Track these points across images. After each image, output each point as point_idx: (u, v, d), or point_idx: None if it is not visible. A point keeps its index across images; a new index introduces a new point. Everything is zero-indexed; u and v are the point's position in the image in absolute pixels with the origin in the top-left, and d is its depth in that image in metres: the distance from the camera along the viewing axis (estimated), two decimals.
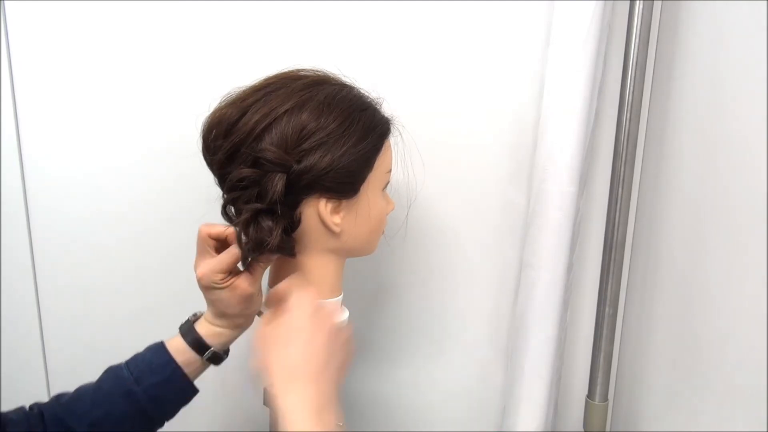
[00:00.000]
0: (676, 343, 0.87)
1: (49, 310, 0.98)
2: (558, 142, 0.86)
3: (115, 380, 0.66)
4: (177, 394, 0.69)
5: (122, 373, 0.66)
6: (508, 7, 0.88)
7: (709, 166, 0.79)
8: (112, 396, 0.65)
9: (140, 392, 0.65)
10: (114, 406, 0.64)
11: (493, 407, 1.05)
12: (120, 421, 0.65)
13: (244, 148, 0.62)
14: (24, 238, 0.94)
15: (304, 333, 0.58)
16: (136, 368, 0.66)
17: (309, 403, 0.55)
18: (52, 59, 0.88)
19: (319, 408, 0.55)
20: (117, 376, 0.66)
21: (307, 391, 0.56)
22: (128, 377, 0.65)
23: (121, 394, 0.65)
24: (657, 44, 0.89)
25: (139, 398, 0.65)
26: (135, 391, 0.65)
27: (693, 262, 0.83)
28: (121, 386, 0.65)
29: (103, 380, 0.67)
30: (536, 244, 0.90)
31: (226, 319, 0.70)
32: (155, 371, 0.66)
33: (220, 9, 0.87)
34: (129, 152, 0.92)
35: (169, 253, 0.94)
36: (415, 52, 0.90)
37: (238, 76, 0.67)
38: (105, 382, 0.66)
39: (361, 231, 0.70)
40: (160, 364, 0.67)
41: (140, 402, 0.65)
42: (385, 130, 0.69)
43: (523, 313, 0.93)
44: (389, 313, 1.02)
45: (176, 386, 0.68)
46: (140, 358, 0.68)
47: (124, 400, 0.65)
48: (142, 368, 0.66)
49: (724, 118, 0.76)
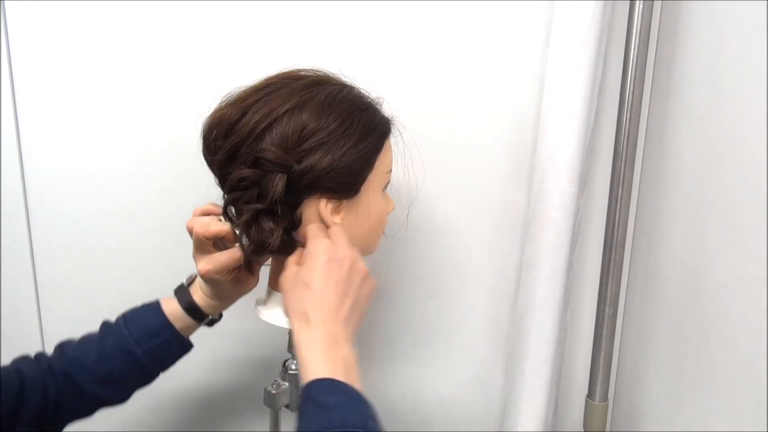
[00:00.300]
0: (676, 343, 0.87)
1: (49, 310, 0.98)
2: (558, 142, 0.86)
3: (116, 339, 0.69)
4: (174, 353, 0.73)
5: (122, 332, 0.69)
6: (508, 7, 0.88)
7: (709, 166, 0.79)
8: (114, 355, 0.68)
9: (140, 353, 0.69)
10: (116, 364, 0.68)
11: (493, 407, 1.05)
12: (122, 376, 0.69)
13: (244, 149, 0.62)
14: (24, 238, 0.94)
15: (318, 278, 0.60)
16: (136, 330, 0.69)
17: (321, 341, 0.58)
18: (52, 59, 0.88)
19: (331, 345, 0.58)
20: (118, 336, 0.69)
21: (318, 330, 0.58)
22: (128, 337, 0.69)
23: (122, 354, 0.68)
24: (657, 44, 0.89)
25: (140, 358, 0.69)
26: (135, 352, 0.68)
27: (693, 262, 0.83)
28: (122, 346, 0.69)
29: (104, 338, 0.70)
30: (536, 244, 0.90)
31: (223, 300, 0.73)
32: (154, 334, 0.69)
33: (221, 9, 0.87)
34: (129, 152, 0.92)
35: (169, 252, 0.94)
36: (415, 52, 0.90)
37: (238, 77, 0.67)
38: (106, 340, 0.69)
39: (361, 231, 0.70)
40: (159, 328, 0.70)
41: (140, 361, 0.69)
42: (386, 130, 0.69)
43: (523, 313, 0.93)
44: (389, 313, 1.02)
45: (174, 346, 0.72)
46: (138, 319, 0.70)
47: (125, 359, 0.69)
48: (141, 331, 0.69)
49: (724, 118, 0.76)
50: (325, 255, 0.61)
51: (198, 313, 0.72)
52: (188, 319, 0.72)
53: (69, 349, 0.69)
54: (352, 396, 0.55)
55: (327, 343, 0.58)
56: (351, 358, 0.59)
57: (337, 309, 0.60)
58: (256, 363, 1.01)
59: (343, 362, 0.58)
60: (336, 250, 0.62)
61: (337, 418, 0.52)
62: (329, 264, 0.60)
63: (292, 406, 0.76)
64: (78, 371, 0.67)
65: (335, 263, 0.60)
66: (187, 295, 0.72)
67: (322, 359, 0.57)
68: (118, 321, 0.71)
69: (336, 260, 0.61)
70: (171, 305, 0.72)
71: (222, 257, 0.68)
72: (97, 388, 0.68)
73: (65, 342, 0.71)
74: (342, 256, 0.61)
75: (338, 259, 0.61)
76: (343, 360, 0.58)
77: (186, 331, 0.72)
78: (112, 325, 0.71)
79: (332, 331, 0.59)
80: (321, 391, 0.55)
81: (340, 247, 0.62)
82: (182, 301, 0.71)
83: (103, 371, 0.68)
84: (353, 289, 0.61)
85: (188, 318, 0.72)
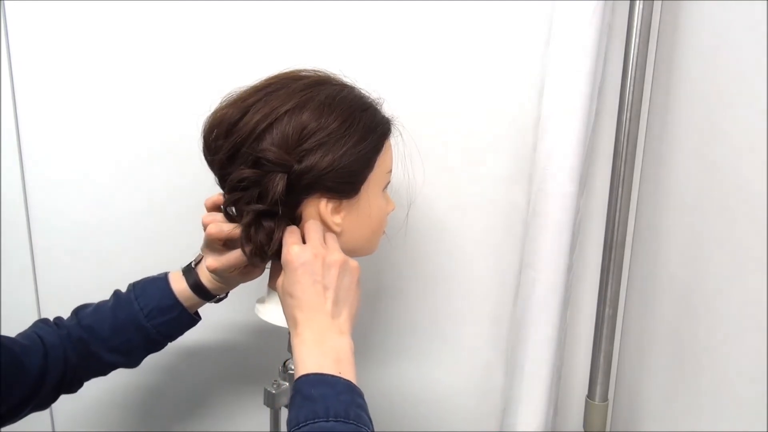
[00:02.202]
0: (675, 343, 0.87)
1: (49, 310, 0.98)
2: (558, 142, 0.86)
3: (128, 313, 0.72)
4: (183, 327, 0.76)
5: (134, 308, 0.72)
6: (508, 7, 0.89)
7: (709, 166, 0.79)
8: (126, 327, 0.72)
9: (150, 327, 0.72)
10: (129, 336, 0.72)
11: (493, 407, 1.05)
12: (134, 347, 0.74)
13: (244, 149, 0.62)
14: (24, 239, 0.94)
15: (295, 285, 0.62)
16: (146, 306, 0.72)
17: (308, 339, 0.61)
18: (52, 59, 0.88)
19: (318, 341, 0.60)
20: (129, 309, 0.72)
21: (306, 330, 0.61)
22: (139, 312, 0.72)
23: (134, 328, 0.72)
24: (657, 44, 0.89)
25: (150, 332, 0.72)
26: (146, 327, 0.72)
27: (693, 262, 0.83)
28: (134, 320, 0.72)
29: (117, 310, 0.73)
30: (536, 244, 0.90)
31: (228, 284, 0.75)
32: (163, 311, 0.73)
33: (221, 9, 0.87)
34: (130, 152, 0.92)
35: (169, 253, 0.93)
36: (416, 52, 0.90)
37: (239, 77, 0.67)
38: (119, 312, 0.73)
39: (361, 231, 0.70)
40: (168, 306, 0.73)
41: (151, 335, 0.73)
42: (386, 130, 0.69)
43: (522, 314, 0.93)
44: (389, 313, 1.02)
45: (183, 322, 0.75)
46: (148, 294, 0.73)
47: (137, 332, 0.72)
48: (151, 307, 0.72)
49: (724, 118, 0.76)
50: (296, 261, 0.61)
51: (205, 292, 0.74)
52: (195, 298, 0.74)
53: (84, 316, 0.73)
54: (337, 387, 0.58)
55: (314, 339, 0.60)
56: (343, 348, 0.61)
57: (320, 307, 0.61)
58: (256, 363, 1.01)
59: (334, 354, 0.60)
60: (305, 252, 0.62)
61: (321, 409, 0.55)
62: (302, 268, 0.61)
63: None
64: (93, 340, 0.71)
65: (307, 267, 0.61)
66: (194, 275, 0.74)
67: (309, 355, 0.60)
68: (129, 294, 0.74)
69: (307, 263, 0.61)
70: (179, 284, 0.74)
71: (230, 258, 0.70)
72: (110, 355, 0.72)
73: (81, 308, 0.74)
74: (311, 256, 0.62)
75: (309, 261, 0.61)
76: (334, 351, 0.60)
77: (194, 307, 0.75)
78: (123, 297, 0.74)
79: (319, 327, 0.61)
80: (308, 385, 0.57)
81: (310, 248, 0.62)
82: (190, 280, 0.73)
83: (115, 342, 0.72)
84: (331, 282, 0.62)
85: (195, 297, 0.74)
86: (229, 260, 0.70)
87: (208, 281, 0.74)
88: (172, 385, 1.00)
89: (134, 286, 0.74)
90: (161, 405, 1.02)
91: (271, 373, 0.77)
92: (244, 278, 0.74)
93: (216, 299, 0.77)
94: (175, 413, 1.03)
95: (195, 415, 1.04)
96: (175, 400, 1.02)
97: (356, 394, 0.58)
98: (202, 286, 0.74)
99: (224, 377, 1.02)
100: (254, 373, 0.99)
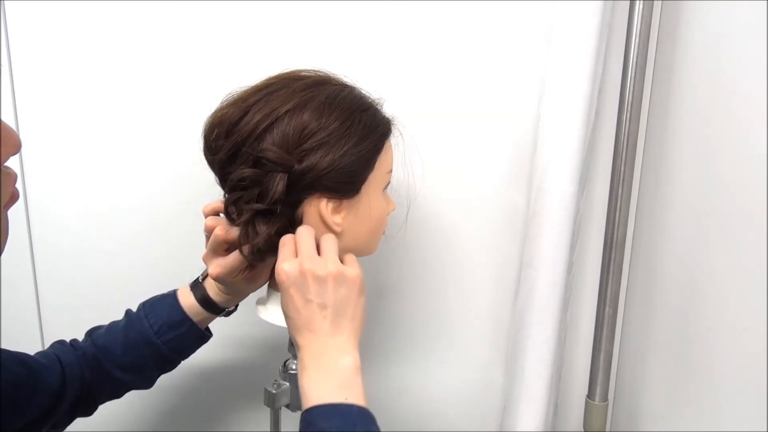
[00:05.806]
0: (676, 343, 0.87)
1: (49, 310, 0.98)
2: (558, 142, 0.86)
3: (138, 330, 0.73)
4: (194, 343, 0.76)
5: (144, 325, 0.73)
6: (508, 8, 0.88)
7: (709, 166, 0.79)
8: (137, 345, 0.73)
9: (161, 344, 0.73)
10: (140, 354, 0.73)
11: (493, 407, 1.05)
12: (146, 365, 0.74)
13: (245, 148, 0.62)
14: (24, 238, 0.94)
15: (289, 307, 0.60)
16: (156, 323, 0.73)
17: (310, 365, 0.59)
18: (53, 60, 0.88)
19: (320, 365, 0.59)
20: (140, 327, 0.73)
21: (306, 355, 0.60)
22: (149, 329, 0.72)
23: (144, 344, 0.73)
24: (657, 44, 0.89)
25: (161, 349, 0.73)
26: (156, 343, 0.72)
27: (693, 262, 0.83)
28: (144, 337, 0.72)
29: (128, 328, 0.73)
30: (536, 244, 0.90)
31: (236, 295, 0.75)
32: (173, 327, 0.73)
33: (222, 9, 0.87)
34: (130, 152, 0.92)
35: (169, 253, 0.94)
36: (416, 52, 0.90)
37: (239, 77, 0.67)
38: (130, 330, 0.73)
39: (361, 231, 0.70)
40: (177, 321, 0.73)
41: (162, 352, 0.73)
42: (386, 130, 0.69)
43: (522, 313, 0.93)
44: (389, 313, 1.02)
45: (193, 337, 0.75)
46: (157, 310, 0.74)
47: (147, 349, 0.73)
48: (161, 324, 0.73)
49: (724, 118, 0.76)
50: (287, 281, 0.60)
51: (213, 306, 0.74)
52: (205, 312, 0.74)
53: (98, 336, 0.74)
54: (347, 417, 0.56)
55: (315, 366, 0.59)
56: (348, 367, 0.59)
57: (316, 327, 0.59)
58: (256, 363, 1.01)
59: (337, 379, 0.58)
60: (294, 270, 0.60)
61: None
62: (293, 288, 0.59)
63: (292, 406, 0.76)
64: (106, 358, 0.72)
65: (297, 287, 0.59)
66: (201, 289, 0.74)
67: (312, 384, 0.58)
68: (140, 312, 0.74)
69: (297, 283, 0.59)
70: (188, 299, 0.74)
71: (230, 260, 0.69)
72: (123, 374, 0.73)
73: (94, 329, 0.75)
74: (299, 274, 0.59)
75: (298, 280, 0.59)
76: (337, 375, 0.58)
77: (204, 322, 0.75)
78: (133, 316, 0.74)
79: (317, 351, 0.59)
80: (317, 418, 0.56)
81: (298, 264, 0.60)
82: (197, 294, 0.74)
83: (127, 360, 0.72)
84: (326, 298, 0.59)
85: (204, 311, 0.74)
86: (231, 263, 0.69)
87: (215, 294, 0.74)
88: (173, 385, 1.00)
89: (144, 305, 0.75)
90: (161, 405, 1.02)
91: (272, 373, 0.77)
92: (250, 286, 0.73)
93: (225, 312, 0.76)
94: (175, 413, 1.03)
95: (195, 415, 1.04)
96: (175, 400, 1.02)
97: (368, 422, 0.57)
98: (210, 300, 0.74)
99: (224, 377, 1.02)
100: (254, 373, 0.99)
